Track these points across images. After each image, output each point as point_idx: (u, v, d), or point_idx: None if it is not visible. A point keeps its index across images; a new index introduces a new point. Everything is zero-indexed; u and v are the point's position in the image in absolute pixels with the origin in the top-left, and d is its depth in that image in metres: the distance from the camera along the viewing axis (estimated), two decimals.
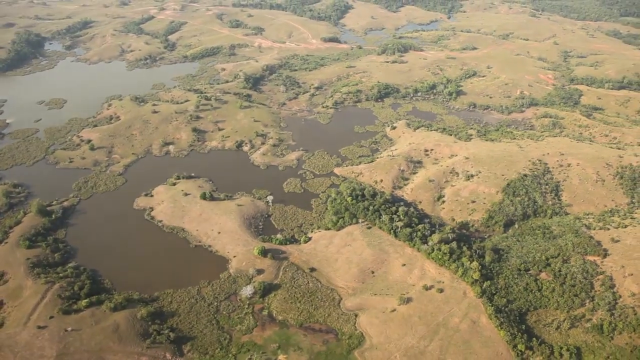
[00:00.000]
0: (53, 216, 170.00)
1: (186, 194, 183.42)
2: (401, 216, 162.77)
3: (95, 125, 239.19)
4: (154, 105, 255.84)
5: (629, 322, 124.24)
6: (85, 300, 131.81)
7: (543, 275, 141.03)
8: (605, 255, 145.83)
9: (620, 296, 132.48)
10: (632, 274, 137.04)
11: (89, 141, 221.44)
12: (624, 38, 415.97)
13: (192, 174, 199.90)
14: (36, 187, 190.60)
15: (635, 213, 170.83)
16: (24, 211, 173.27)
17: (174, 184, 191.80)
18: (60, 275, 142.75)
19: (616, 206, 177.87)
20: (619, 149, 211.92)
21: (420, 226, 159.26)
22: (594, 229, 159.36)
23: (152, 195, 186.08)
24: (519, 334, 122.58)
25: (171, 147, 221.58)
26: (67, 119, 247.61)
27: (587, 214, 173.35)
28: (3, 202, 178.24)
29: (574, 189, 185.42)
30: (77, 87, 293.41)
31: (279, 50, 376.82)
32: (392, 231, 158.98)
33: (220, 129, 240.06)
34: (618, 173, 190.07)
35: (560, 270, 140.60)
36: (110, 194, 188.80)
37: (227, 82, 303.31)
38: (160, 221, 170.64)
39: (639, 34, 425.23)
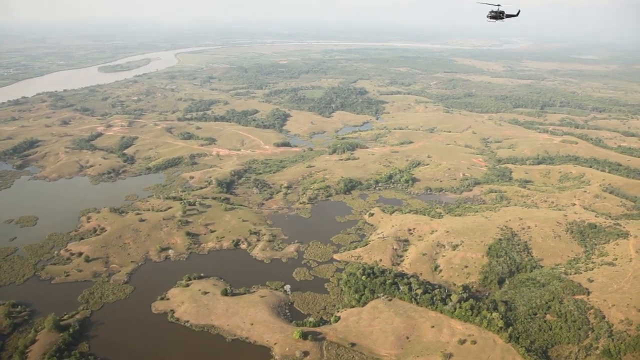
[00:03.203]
0: (71, 330, 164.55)
1: (205, 293, 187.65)
2: (417, 285, 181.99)
3: (82, 238, 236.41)
4: (137, 214, 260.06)
5: (628, 344, 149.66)
6: None
7: (548, 316, 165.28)
8: (588, 293, 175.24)
9: (612, 324, 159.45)
10: (614, 305, 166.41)
11: (81, 254, 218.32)
12: (523, 124, 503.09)
13: (202, 274, 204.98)
14: (38, 305, 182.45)
15: (593, 258, 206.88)
16: (34, 329, 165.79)
17: (188, 285, 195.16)
18: None
19: (576, 255, 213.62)
20: (560, 210, 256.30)
21: (436, 291, 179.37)
22: (570, 275, 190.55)
23: (168, 299, 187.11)
24: None
25: (170, 252, 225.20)
26: (46, 235, 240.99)
27: (557, 265, 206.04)
28: (6, 324, 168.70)
29: (540, 246, 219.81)
30: (44, 204, 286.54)
31: (237, 156, 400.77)
32: (413, 299, 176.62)
33: (212, 231, 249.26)
34: (568, 229, 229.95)
35: (560, 310, 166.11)
36: (122, 302, 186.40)
37: (201, 188, 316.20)
38: (187, 321, 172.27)
39: (533, 121, 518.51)
